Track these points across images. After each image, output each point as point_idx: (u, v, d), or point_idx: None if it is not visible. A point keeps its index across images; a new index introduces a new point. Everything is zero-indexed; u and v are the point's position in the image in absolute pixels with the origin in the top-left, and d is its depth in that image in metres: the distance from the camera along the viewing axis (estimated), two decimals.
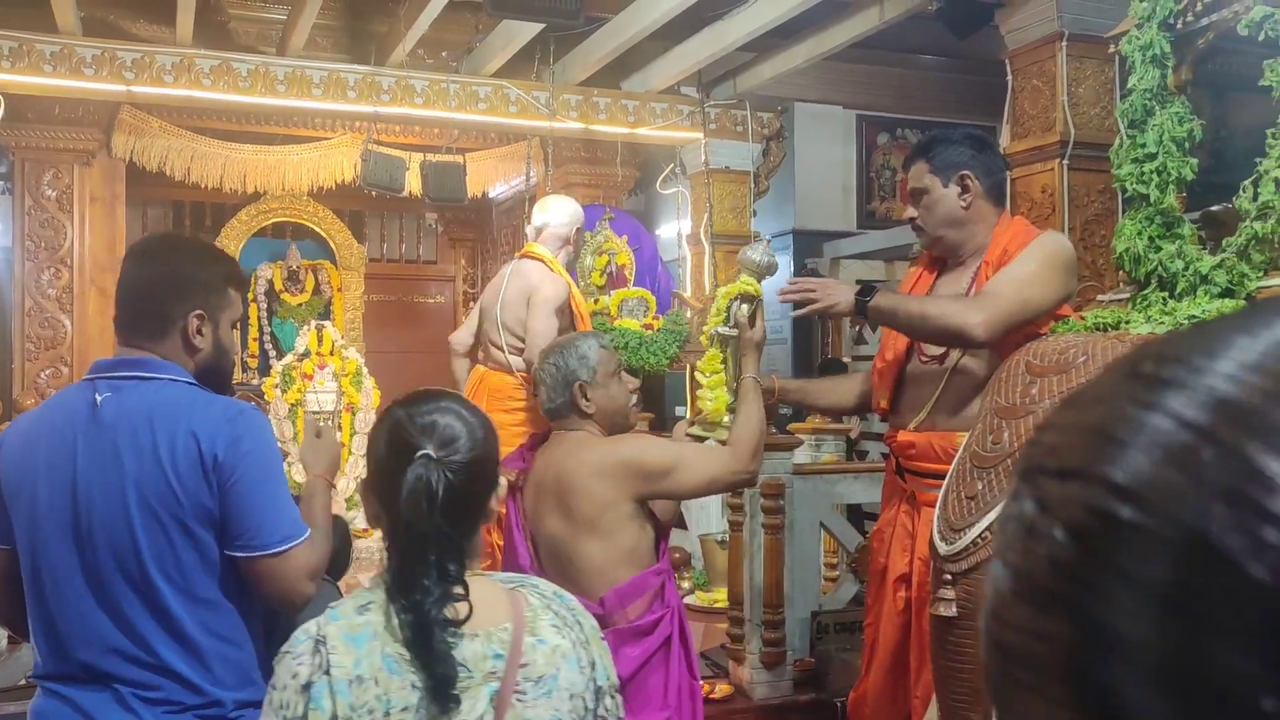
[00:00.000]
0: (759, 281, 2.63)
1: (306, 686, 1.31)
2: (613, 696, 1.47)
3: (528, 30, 5.93)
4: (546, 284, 4.37)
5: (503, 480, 1.54)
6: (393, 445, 1.40)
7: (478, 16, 6.19)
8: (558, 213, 4.52)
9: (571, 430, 2.49)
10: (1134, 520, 0.31)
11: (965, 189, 2.63)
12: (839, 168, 8.45)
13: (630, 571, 2.39)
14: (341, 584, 2.93)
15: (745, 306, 2.62)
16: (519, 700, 1.35)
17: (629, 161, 7.68)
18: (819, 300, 2.51)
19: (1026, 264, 2.58)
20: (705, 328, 2.71)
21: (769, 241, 2.73)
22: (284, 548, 1.73)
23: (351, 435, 7.66)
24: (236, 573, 1.75)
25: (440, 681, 1.32)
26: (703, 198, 7.03)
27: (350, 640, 1.34)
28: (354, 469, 7.57)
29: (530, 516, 2.52)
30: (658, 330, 6.42)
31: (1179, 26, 2.80)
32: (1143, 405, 0.32)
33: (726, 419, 2.65)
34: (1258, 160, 2.55)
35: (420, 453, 1.37)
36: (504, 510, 2.63)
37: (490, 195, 8.74)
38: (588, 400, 2.46)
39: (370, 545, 7.32)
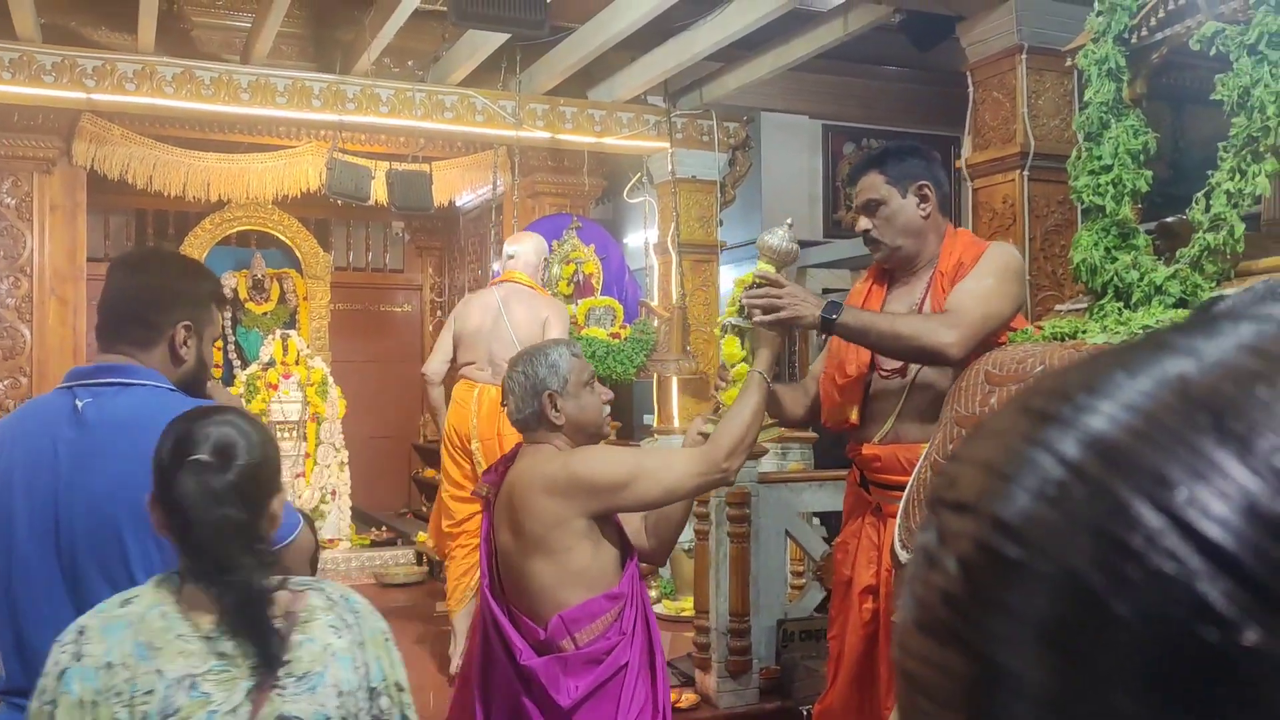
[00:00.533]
0: (778, 269, 2.50)
1: (61, 673, 1.41)
2: (390, 696, 1.54)
3: (494, 40, 5.93)
4: (557, 306, 5.08)
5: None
6: (174, 453, 1.48)
7: (443, 25, 6.18)
8: (526, 245, 5.11)
9: (538, 443, 2.41)
10: (1015, 558, 0.31)
11: (924, 199, 2.69)
12: (805, 177, 8.50)
13: (581, 594, 2.28)
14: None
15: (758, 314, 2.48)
16: (279, 695, 1.42)
17: (596, 171, 7.69)
18: (784, 310, 2.43)
19: (984, 278, 2.63)
20: (720, 318, 2.59)
21: (791, 225, 2.58)
22: (291, 537, 1.78)
23: (317, 445, 7.61)
24: None
25: (265, 652, 1.41)
26: (669, 207, 7.05)
27: (105, 630, 1.43)
28: (319, 479, 7.52)
29: (494, 530, 2.46)
30: (625, 339, 6.44)
31: (1134, 41, 2.84)
32: (1028, 441, 0.33)
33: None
34: (1210, 173, 2.59)
35: (195, 457, 1.46)
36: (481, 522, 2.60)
37: (457, 204, 8.72)
38: (557, 411, 2.37)
39: (335, 556, 7.28)
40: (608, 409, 2.51)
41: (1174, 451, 0.30)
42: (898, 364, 2.66)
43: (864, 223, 2.69)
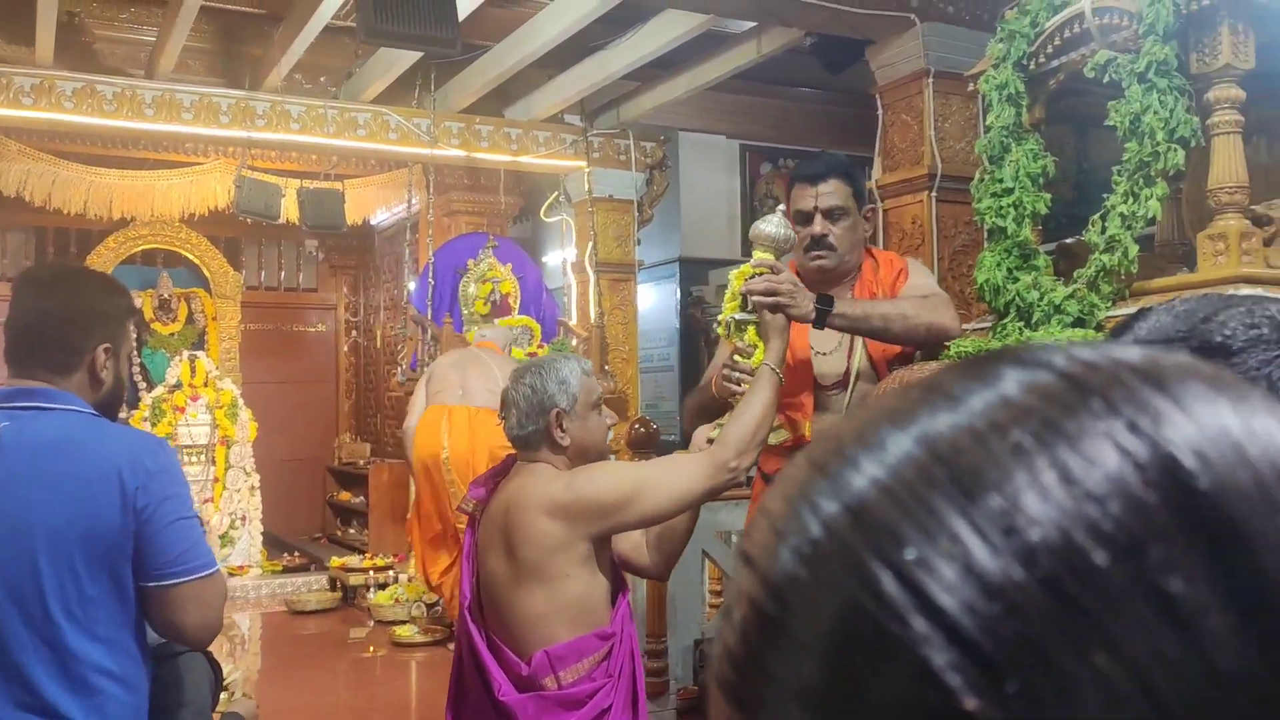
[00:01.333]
0: (777, 257, 2.40)
1: None
2: None
3: (408, 57, 5.87)
4: None
5: None
6: None
7: (356, 42, 6.09)
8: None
9: (536, 462, 2.24)
10: (777, 620, 0.31)
11: (868, 220, 2.72)
12: (723, 196, 8.57)
13: (572, 630, 2.14)
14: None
15: (756, 299, 2.35)
16: None
17: (513, 189, 7.66)
18: (785, 302, 2.33)
19: (925, 277, 2.73)
20: (721, 315, 2.45)
21: (784, 212, 2.49)
22: (211, 570, 1.75)
23: (226, 469, 7.42)
24: (138, 610, 1.73)
25: None
26: (586, 226, 7.04)
27: None
28: (228, 504, 7.32)
29: (480, 551, 2.30)
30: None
31: (1032, 67, 2.92)
32: (801, 496, 0.32)
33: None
34: (1105, 196, 2.66)
35: None
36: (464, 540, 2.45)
37: (372, 222, 8.60)
38: (563, 431, 2.20)
39: (244, 584, 7.09)
40: (611, 434, 2.37)
41: (913, 513, 0.29)
42: (839, 376, 2.64)
43: (822, 226, 2.61)
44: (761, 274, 2.34)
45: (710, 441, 2.32)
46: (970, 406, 0.31)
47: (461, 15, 4.88)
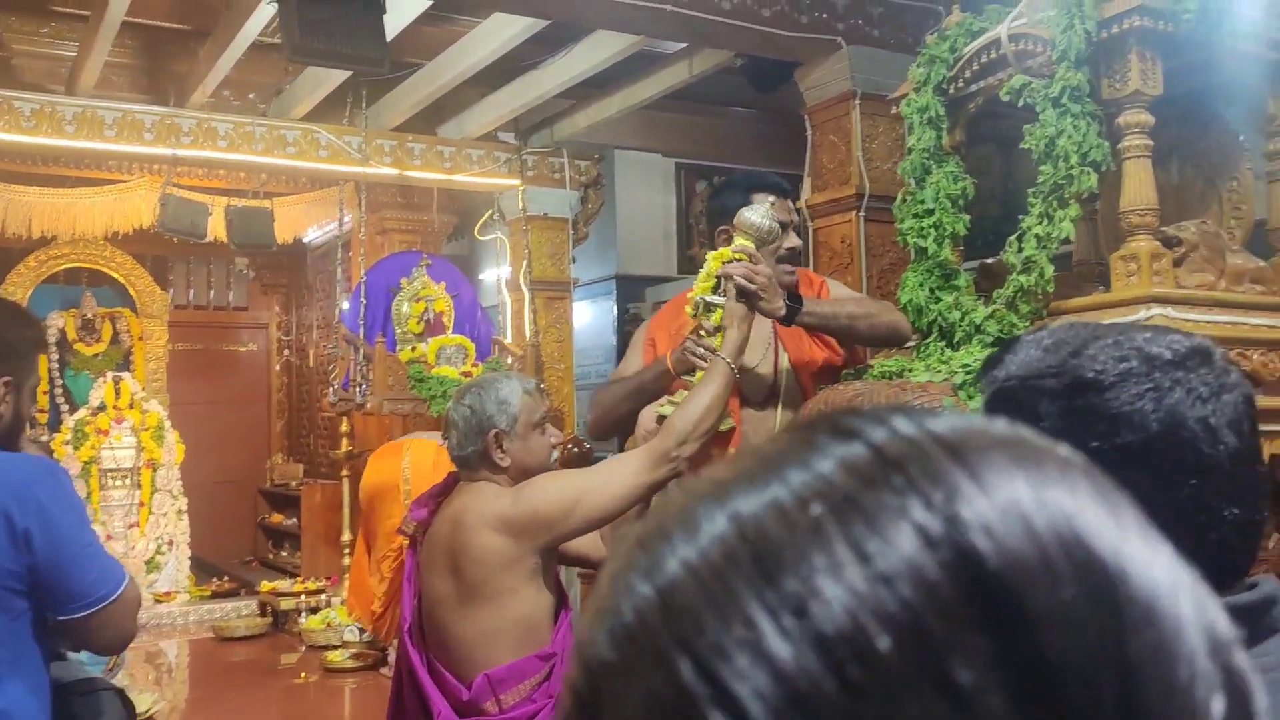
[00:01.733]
0: (758, 248, 2.38)
1: None
2: None
3: (339, 74, 5.81)
4: None
5: None
6: None
7: (285, 58, 6.03)
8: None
9: (478, 481, 2.22)
10: (591, 705, 0.31)
11: None
12: (659, 214, 8.60)
13: (515, 651, 2.12)
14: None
15: (730, 284, 2.36)
16: None
17: (447, 207, 7.61)
18: (759, 293, 2.34)
19: (847, 290, 2.87)
20: (691, 294, 2.43)
21: (772, 204, 2.51)
22: (121, 588, 1.71)
23: (153, 493, 7.25)
24: (36, 640, 1.68)
25: None
26: (521, 244, 7.02)
27: None
28: (154, 529, 7.15)
29: (422, 572, 2.27)
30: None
31: (952, 91, 2.97)
32: (622, 578, 0.32)
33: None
34: (1021, 217, 2.72)
35: None
36: (404, 561, 2.41)
37: (305, 240, 8.49)
38: (502, 452, 2.18)
39: (171, 610, 6.92)
40: (556, 453, 2.31)
41: (715, 597, 0.30)
42: (766, 392, 2.65)
43: (797, 240, 2.68)
44: (741, 260, 2.35)
45: (660, 420, 2.32)
46: (784, 480, 0.32)
47: (392, 33, 4.86)
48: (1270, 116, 2.80)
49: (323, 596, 6.52)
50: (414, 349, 6.29)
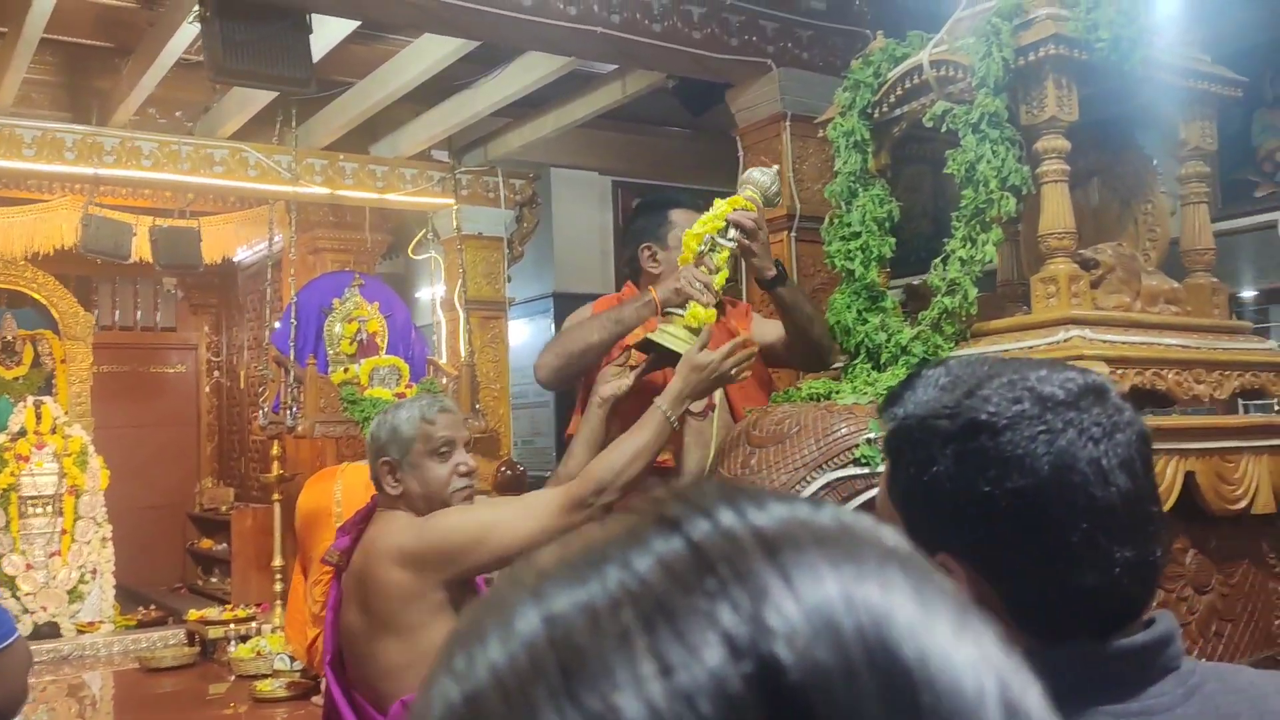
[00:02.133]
0: (757, 209, 2.54)
1: None
2: None
3: (267, 92, 5.72)
4: None
5: None
6: None
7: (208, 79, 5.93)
8: None
9: (390, 508, 2.20)
10: None
11: None
12: (596, 232, 8.60)
13: None
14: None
15: (735, 232, 2.48)
16: None
17: (380, 226, 7.53)
18: (758, 246, 2.51)
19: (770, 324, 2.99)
20: (694, 230, 2.49)
21: (779, 171, 2.71)
22: (8, 641, 1.66)
23: (75, 520, 7.04)
24: None
25: None
26: (456, 264, 6.97)
27: None
28: (77, 557, 6.95)
29: (342, 602, 2.25)
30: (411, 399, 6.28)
31: (876, 115, 3.01)
32: (435, 678, 0.32)
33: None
34: (945, 240, 2.76)
35: None
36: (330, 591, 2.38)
37: (235, 260, 8.34)
38: (395, 480, 2.16)
39: (95, 641, 6.72)
40: (465, 481, 2.22)
41: (516, 709, 0.29)
42: (706, 402, 2.66)
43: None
44: (750, 210, 2.50)
45: (602, 401, 2.40)
46: (602, 578, 0.31)
47: (322, 52, 4.81)
48: (1182, 141, 2.88)
49: (253, 624, 6.38)
50: (346, 370, 6.21)
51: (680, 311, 2.40)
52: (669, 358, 2.42)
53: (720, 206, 2.50)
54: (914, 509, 0.89)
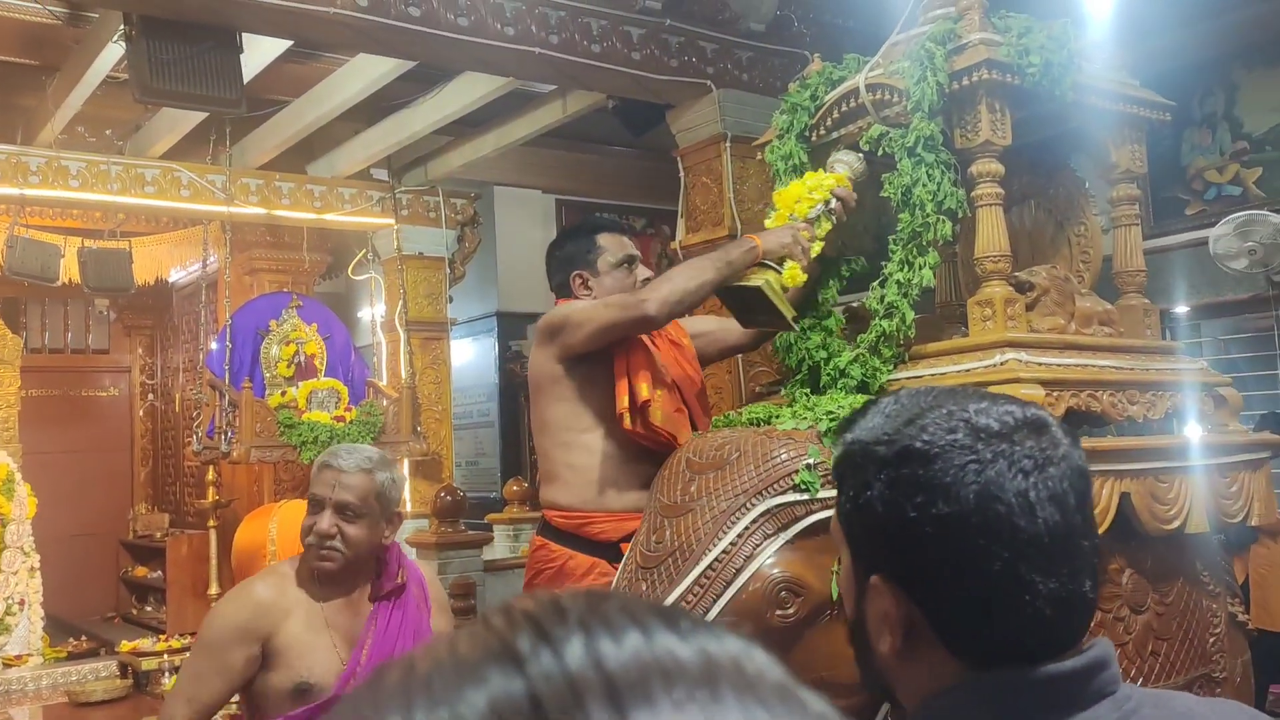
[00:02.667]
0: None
1: None
2: None
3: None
4: None
5: None
6: None
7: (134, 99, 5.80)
8: None
9: None
10: None
11: None
12: (540, 250, 8.48)
13: None
14: None
15: (836, 205, 2.67)
16: None
17: (318, 246, 7.42)
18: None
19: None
20: (787, 194, 2.68)
21: (863, 155, 2.80)
22: None
23: (1, 550, 6.81)
24: None
25: None
26: (397, 284, 6.88)
27: None
28: (3, 588, 6.73)
29: None
30: (350, 422, 6.18)
31: (814, 138, 3.01)
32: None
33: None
34: (884, 264, 2.76)
35: None
36: None
37: (169, 281, 8.16)
38: None
39: (22, 675, 6.50)
40: (313, 542, 2.18)
41: None
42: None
43: (649, 271, 2.83)
44: (847, 188, 2.69)
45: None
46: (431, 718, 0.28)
47: (255, 70, 4.72)
48: (1113, 164, 2.91)
49: (188, 654, 6.21)
50: (284, 393, 6.09)
51: (775, 265, 2.54)
52: (756, 308, 2.60)
53: (822, 178, 2.65)
54: (853, 531, 0.92)
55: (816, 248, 2.60)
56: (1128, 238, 2.94)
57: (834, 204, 2.63)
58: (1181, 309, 5.99)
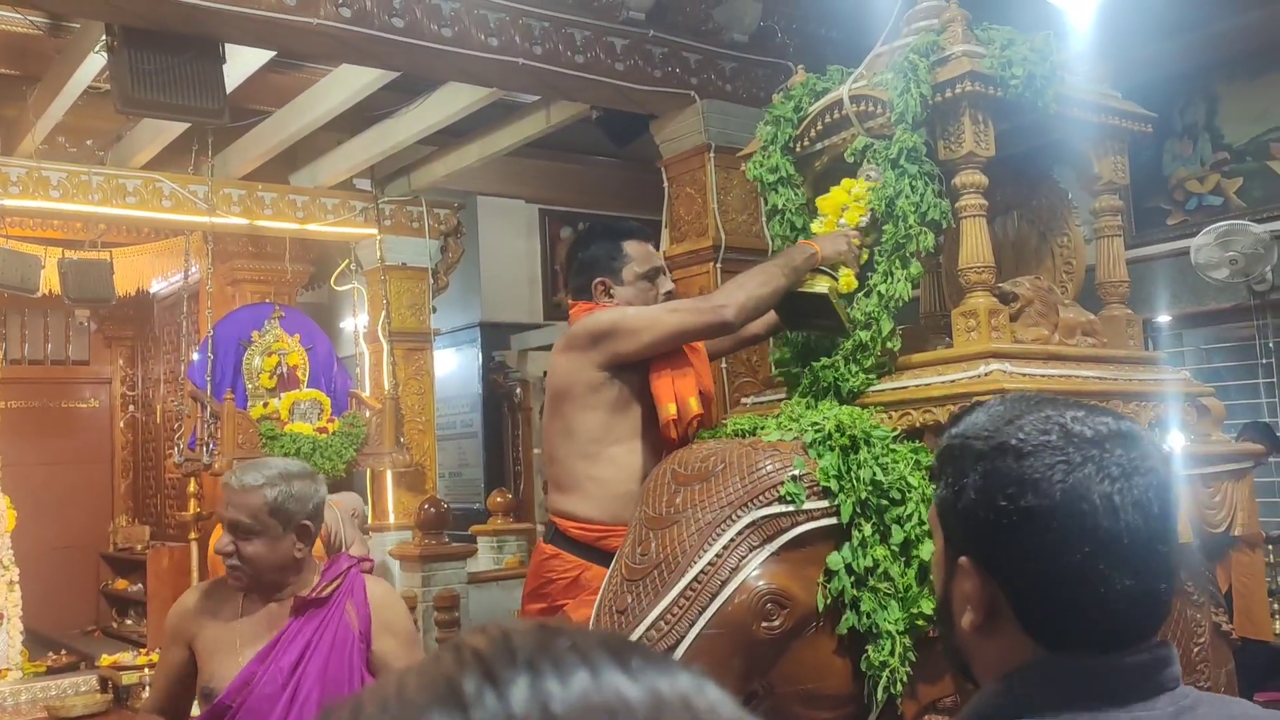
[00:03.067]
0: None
1: None
2: None
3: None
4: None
5: None
6: None
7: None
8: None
9: None
10: None
11: None
12: (523, 260, 8.56)
13: None
14: None
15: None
16: None
17: (301, 257, 7.38)
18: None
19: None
20: (849, 204, 2.66)
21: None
22: None
23: None
24: None
25: None
26: (380, 294, 6.85)
27: None
28: None
29: None
30: (333, 433, 6.15)
31: (798, 150, 3.01)
32: None
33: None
34: (868, 274, 2.76)
35: None
36: None
37: (150, 291, 8.11)
38: None
39: (1, 690, 6.43)
40: (226, 560, 2.23)
41: None
42: None
43: (672, 284, 2.84)
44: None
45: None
46: None
47: (238, 81, 4.70)
48: (1096, 176, 2.92)
49: None
50: (266, 405, 6.06)
51: (831, 272, 2.59)
52: (813, 312, 2.64)
53: (863, 185, 2.64)
54: (947, 518, 1.01)
55: (864, 255, 2.63)
56: (1110, 248, 2.96)
57: (878, 213, 2.64)
58: (1164, 318, 6.02)
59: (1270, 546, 5.11)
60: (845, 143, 2.90)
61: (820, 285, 2.59)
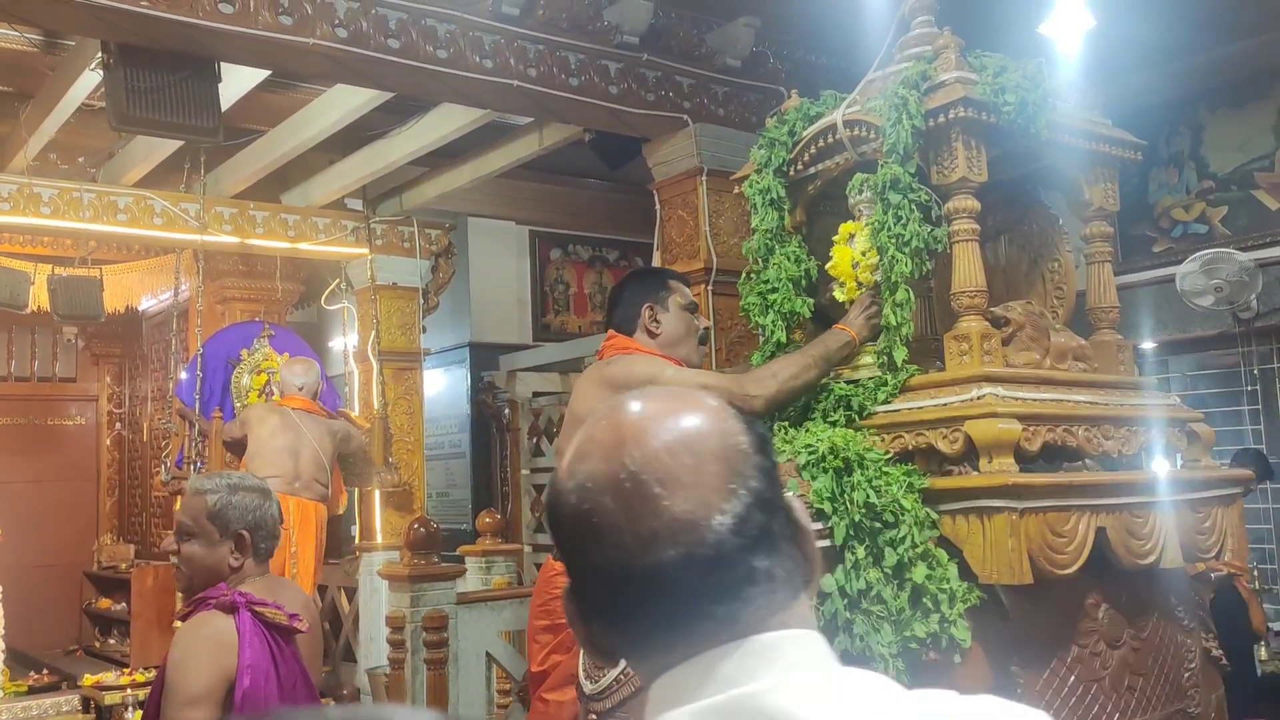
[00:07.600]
0: None
1: None
2: None
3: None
4: (342, 424, 5.88)
5: None
6: None
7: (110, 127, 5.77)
8: (312, 376, 5.77)
9: None
10: None
11: None
12: (513, 281, 8.55)
13: None
14: None
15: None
16: None
17: (292, 276, 7.37)
18: None
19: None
20: (862, 261, 2.73)
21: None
22: None
23: None
24: None
25: None
26: (370, 314, 6.85)
27: None
28: None
29: None
30: None
31: (792, 173, 3.03)
32: None
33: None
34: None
35: None
36: None
37: (139, 309, 8.09)
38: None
39: None
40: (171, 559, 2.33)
41: None
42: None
43: (707, 321, 3.09)
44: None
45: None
46: None
47: (232, 100, 4.71)
48: (1086, 202, 2.95)
49: (151, 688, 6.09)
50: None
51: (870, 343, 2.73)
52: None
53: (862, 232, 2.71)
54: None
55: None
56: (1101, 274, 2.98)
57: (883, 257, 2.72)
58: (1149, 345, 6.06)
59: (1256, 573, 5.13)
60: (838, 166, 2.93)
61: (864, 369, 2.72)
